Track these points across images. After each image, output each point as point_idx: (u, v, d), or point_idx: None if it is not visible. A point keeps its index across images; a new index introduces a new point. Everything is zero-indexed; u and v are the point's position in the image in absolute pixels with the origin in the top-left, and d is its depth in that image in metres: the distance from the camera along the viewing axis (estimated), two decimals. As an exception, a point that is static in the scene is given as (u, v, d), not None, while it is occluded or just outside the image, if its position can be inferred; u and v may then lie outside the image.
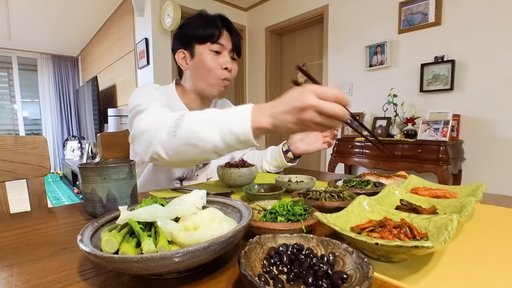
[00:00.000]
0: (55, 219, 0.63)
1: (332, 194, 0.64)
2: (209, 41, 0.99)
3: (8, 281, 0.36)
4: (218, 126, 0.65)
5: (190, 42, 1.02)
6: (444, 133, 2.32)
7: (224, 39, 1.01)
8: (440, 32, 2.56)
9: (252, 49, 4.44)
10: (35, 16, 4.44)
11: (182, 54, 1.05)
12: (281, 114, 0.58)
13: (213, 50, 1.00)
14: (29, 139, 0.87)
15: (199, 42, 1.00)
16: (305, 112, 0.54)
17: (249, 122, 0.61)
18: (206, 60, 1.00)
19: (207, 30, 0.99)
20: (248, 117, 0.62)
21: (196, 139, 0.67)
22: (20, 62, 5.99)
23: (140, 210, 0.41)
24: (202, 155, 0.70)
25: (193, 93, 1.08)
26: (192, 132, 0.68)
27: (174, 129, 0.71)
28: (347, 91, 3.25)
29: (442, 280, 0.34)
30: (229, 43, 1.03)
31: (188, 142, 0.68)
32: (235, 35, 1.05)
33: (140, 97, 0.92)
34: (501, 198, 0.74)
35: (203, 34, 0.99)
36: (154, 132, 0.75)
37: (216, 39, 0.99)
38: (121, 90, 4.43)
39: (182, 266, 0.32)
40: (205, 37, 0.99)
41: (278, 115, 0.59)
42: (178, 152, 0.72)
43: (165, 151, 0.73)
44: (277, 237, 0.39)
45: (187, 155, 0.71)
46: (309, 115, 0.54)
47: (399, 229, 0.40)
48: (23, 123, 6.08)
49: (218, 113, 0.68)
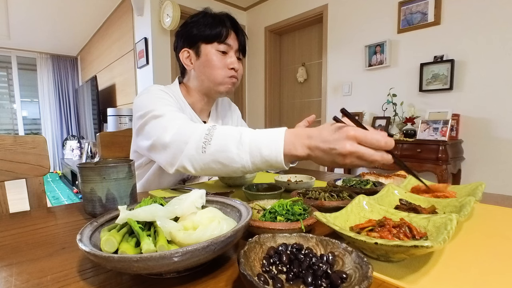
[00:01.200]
0: (55, 218, 0.63)
1: (331, 193, 0.64)
2: (216, 41, 0.97)
3: (7, 281, 0.36)
4: (248, 147, 0.63)
5: (196, 41, 0.99)
6: (443, 133, 2.32)
7: (231, 39, 0.99)
8: (440, 32, 2.56)
9: (251, 48, 4.43)
10: (35, 15, 4.43)
11: (187, 53, 1.02)
12: (319, 150, 0.56)
13: (220, 50, 0.98)
14: (29, 138, 0.87)
15: (206, 42, 0.98)
16: (345, 157, 0.52)
17: (282, 148, 0.59)
18: (213, 60, 0.98)
19: (214, 30, 0.97)
20: (281, 143, 0.60)
21: (225, 158, 0.65)
22: (19, 61, 5.98)
23: (140, 209, 0.41)
24: (229, 173, 0.69)
25: (198, 92, 1.07)
26: (222, 151, 0.66)
27: (203, 144, 0.69)
28: (346, 90, 3.26)
29: (441, 279, 0.34)
30: (235, 43, 1.01)
31: (217, 160, 0.67)
32: (241, 35, 1.04)
33: (152, 100, 0.89)
34: (500, 198, 0.74)
35: (210, 33, 0.97)
36: (183, 145, 0.73)
37: (224, 39, 0.98)
38: (121, 90, 4.42)
39: (182, 266, 0.32)
40: (212, 37, 0.97)
41: (315, 150, 0.56)
42: (205, 168, 0.71)
43: (193, 166, 0.71)
44: (277, 236, 0.39)
45: (214, 171, 0.70)
46: (348, 160, 0.53)
47: (399, 229, 0.41)
48: (22, 123, 6.07)
49: (250, 132, 0.65)
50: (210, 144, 0.68)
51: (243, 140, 0.64)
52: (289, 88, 4.19)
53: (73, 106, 6.52)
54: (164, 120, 0.81)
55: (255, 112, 4.47)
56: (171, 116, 0.82)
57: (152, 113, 0.84)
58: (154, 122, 0.83)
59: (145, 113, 0.86)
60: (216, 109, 1.18)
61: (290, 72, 4.14)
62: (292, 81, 4.12)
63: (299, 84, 4.02)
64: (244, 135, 0.65)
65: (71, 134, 6.40)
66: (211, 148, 0.67)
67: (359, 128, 0.52)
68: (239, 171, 0.66)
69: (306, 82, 3.92)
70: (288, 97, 4.21)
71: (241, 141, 0.64)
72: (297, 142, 0.59)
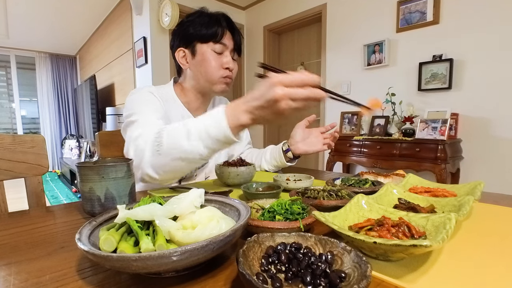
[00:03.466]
0: (53, 217, 0.63)
1: (330, 193, 0.64)
2: (212, 41, 0.98)
3: (6, 280, 0.36)
4: (197, 135, 0.66)
5: (192, 41, 1.00)
6: (442, 132, 2.32)
7: (226, 39, 1.00)
8: (438, 31, 2.56)
9: (250, 48, 4.43)
10: (33, 15, 4.42)
11: (182, 52, 1.03)
12: (257, 109, 0.60)
13: (215, 50, 0.99)
14: (27, 138, 0.87)
15: (201, 41, 0.99)
16: (279, 103, 0.55)
17: (226, 122, 0.63)
18: (208, 59, 0.99)
19: (210, 29, 0.97)
20: (223, 119, 0.63)
21: (180, 153, 0.69)
22: (18, 61, 5.96)
23: (138, 209, 0.41)
24: (190, 165, 0.73)
25: (193, 91, 1.08)
26: (174, 147, 0.70)
27: (156, 147, 0.73)
28: (345, 90, 3.26)
29: (440, 278, 0.35)
30: (231, 42, 1.02)
31: (173, 157, 0.71)
32: (237, 35, 1.04)
33: (133, 104, 0.93)
34: (499, 197, 0.74)
35: (205, 33, 0.97)
36: (141, 153, 0.77)
37: (219, 39, 0.98)
38: (119, 89, 4.42)
39: (180, 265, 0.32)
40: (208, 37, 0.98)
41: (255, 110, 0.60)
42: (167, 169, 0.74)
43: (155, 170, 0.76)
44: (275, 236, 0.39)
45: (177, 169, 0.74)
46: (283, 104, 0.55)
47: (397, 228, 0.41)
48: (21, 122, 6.05)
49: (193, 122, 0.69)
50: (162, 145, 0.72)
51: (190, 130, 0.67)
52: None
53: (72, 105, 6.50)
54: (134, 127, 0.86)
55: (254, 111, 4.45)
56: (139, 123, 0.87)
57: (128, 119, 0.90)
58: (127, 128, 0.89)
59: (125, 116, 0.92)
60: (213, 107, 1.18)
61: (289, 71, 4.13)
62: (291, 81, 4.11)
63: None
64: (189, 125, 0.68)
65: (70, 133, 6.39)
66: (164, 148, 0.71)
67: (281, 74, 0.57)
68: (197, 160, 0.70)
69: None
70: (287, 96, 4.21)
71: (188, 132, 0.67)
72: (237, 112, 0.62)
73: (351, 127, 3.06)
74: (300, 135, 1.10)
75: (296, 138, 1.10)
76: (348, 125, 3.08)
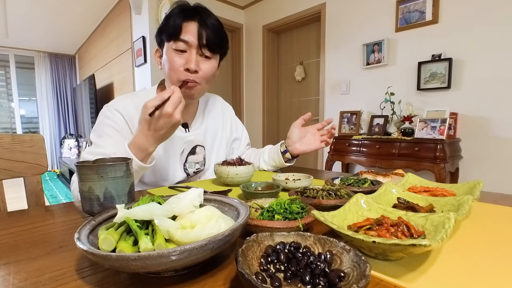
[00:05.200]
0: (52, 217, 0.63)
1: (329, 192, 0.64)
2: (172, 39, 0.90)
3: (5, 279, 0.36)
4: None
5: (162, 40, 0.95)
6: (441, 131, 2.33)
7: (187, 35, 0.88)
8: (437, 30, 2.56)
9: (249, 47, 4.43)
10: (32, 14, 4.40)
11: (159, 52, 0.99)
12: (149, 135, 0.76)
13: (177, 49, 0.90)
14: (26, 137, 0.86)
15: (166, 40, 0.92)
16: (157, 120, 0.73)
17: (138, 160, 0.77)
18: (168, 59, 0.91)
19: (170, 26, 0.89)
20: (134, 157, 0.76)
21: None
22: (17, 60, 5.95)
23: (138, 208, 0.40)
24: None
25: None
26: None
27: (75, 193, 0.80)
28: (344, 89, 3.26)
29: (440, 278, 0.35)
30: (195, 38, 0.89)
31: None
32: (209, 28, 0.90)
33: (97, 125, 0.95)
34: (498, 196, 0.74)
35: (165, 31, 0.91)
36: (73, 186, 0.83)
37: (177, 36, 0.88)
38: (118, 88, 4.41)
39: (180, 264, 0.32)
40: (169, 34, 0.90)
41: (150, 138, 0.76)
42: None
43: None
44: (274, 235, 0.39)
45: None
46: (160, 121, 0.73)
47: (396, 227, 0.41)
48: (20, 122, 6.04)
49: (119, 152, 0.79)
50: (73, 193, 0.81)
51: None
52: (287, 87, 4.19)
53: (71, 105, 6.49)
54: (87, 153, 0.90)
55: (253, 110, 4.46)
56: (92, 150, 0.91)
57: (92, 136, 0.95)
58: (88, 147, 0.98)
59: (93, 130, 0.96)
60: (204, 109, 1.14)
61: (288, 70, 4.14)
62: (290, 80, 4.12)
63: (297, 83, 4.02)
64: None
65: (69, 133, 6.37)
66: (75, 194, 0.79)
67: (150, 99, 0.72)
68: None
69: (304, 81, 3.92)
70: (286, 95, 4.21)
71: None
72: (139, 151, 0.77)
73: (350, 127, 3.06)
74: (297, 135, 1.08)
75: (293, 138, 1.09)
76: (347, 124, 3.08)
